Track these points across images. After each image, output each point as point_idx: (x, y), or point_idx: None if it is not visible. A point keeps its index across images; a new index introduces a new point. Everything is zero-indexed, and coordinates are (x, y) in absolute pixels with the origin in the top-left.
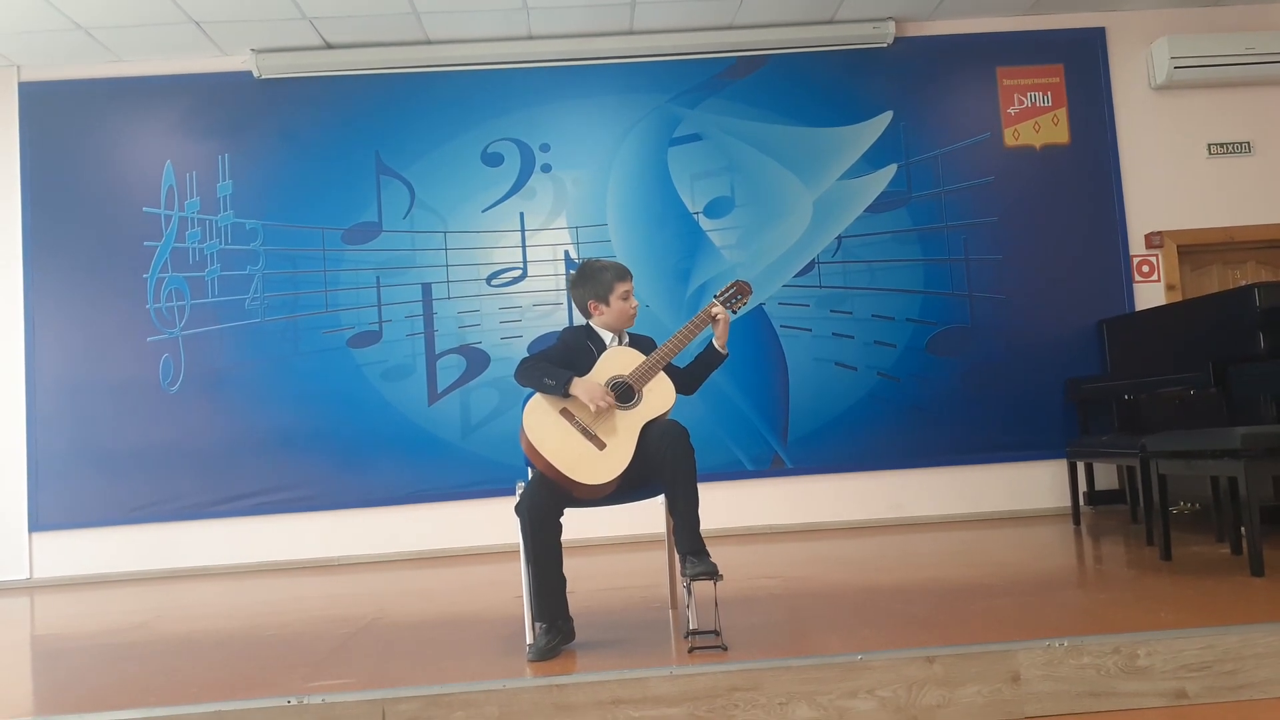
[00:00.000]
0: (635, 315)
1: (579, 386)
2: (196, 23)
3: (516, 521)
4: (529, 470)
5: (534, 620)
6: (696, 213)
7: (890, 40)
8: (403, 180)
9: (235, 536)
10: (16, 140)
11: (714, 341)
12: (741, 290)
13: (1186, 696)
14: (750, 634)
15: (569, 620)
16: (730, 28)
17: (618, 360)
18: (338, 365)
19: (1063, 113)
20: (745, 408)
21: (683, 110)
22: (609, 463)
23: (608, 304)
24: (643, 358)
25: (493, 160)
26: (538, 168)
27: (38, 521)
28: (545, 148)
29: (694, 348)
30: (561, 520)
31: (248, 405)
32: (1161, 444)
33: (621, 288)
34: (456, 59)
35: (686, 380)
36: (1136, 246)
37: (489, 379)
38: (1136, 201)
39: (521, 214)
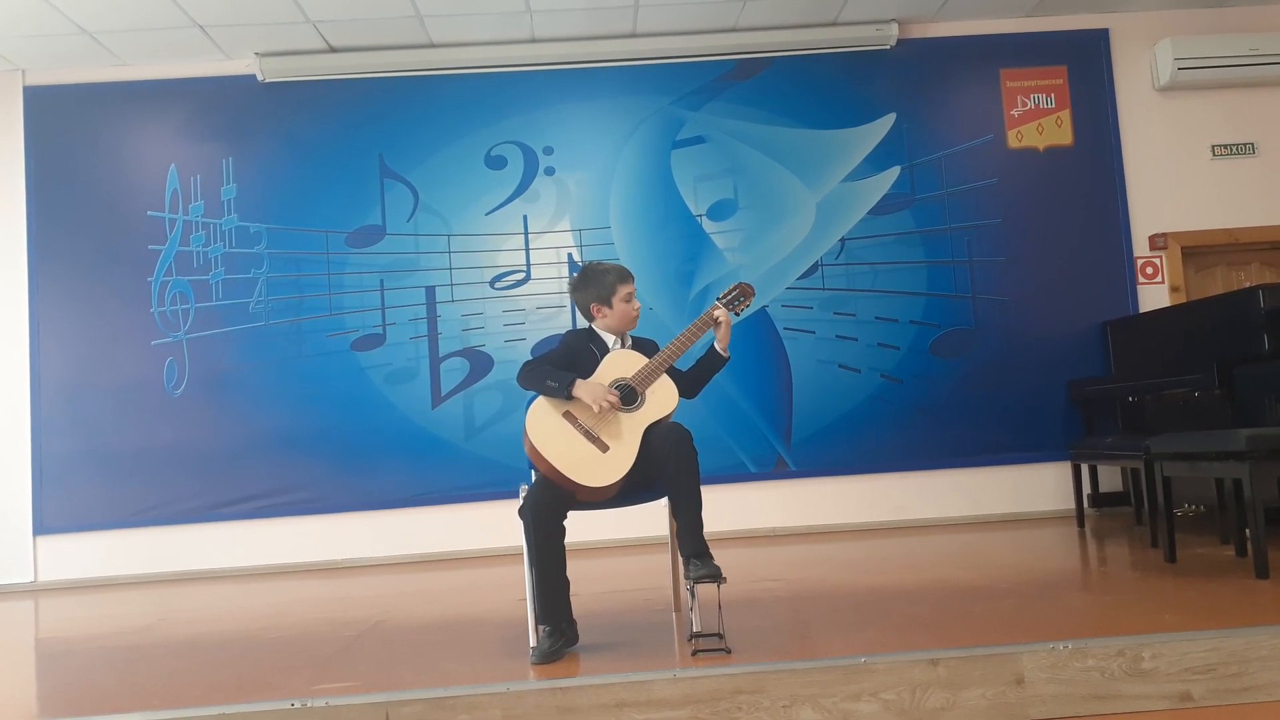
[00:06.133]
0: (638, 317)
1: (582, 388)
2: (200, 26)
3: (520, 524)
4: (532, 473)
5: (537, 623)
6: (699, 215)
7: (893, 42)
8: (406, 183)
9: (239, 539)
10: (21, 144)
11: (716, 344)
12: (744, 293)
13: (1191, 699)
14: (754, 636)
15: (572, 623)
16: (733, 30)
17: (620, 363)
18: (342, 368)
19: (1066, 114)
20: (748, 410)
21: (686, 113)
22: (612, 465)
23: (610, 306)
24: (645, 360)
25: (496, 163)
26: (541, 171)
27: (42, 524)
28: (549, 150)
29: (696, 350)
30: (565, 523)
31: (252, 408)
32: (1166, 446)
33: (624, 290)
34: (460, 62)
35: (688, 383)
36: (1140, 248)
37: (492, 382)
38: (1140, 203)
39: (525, 217)
